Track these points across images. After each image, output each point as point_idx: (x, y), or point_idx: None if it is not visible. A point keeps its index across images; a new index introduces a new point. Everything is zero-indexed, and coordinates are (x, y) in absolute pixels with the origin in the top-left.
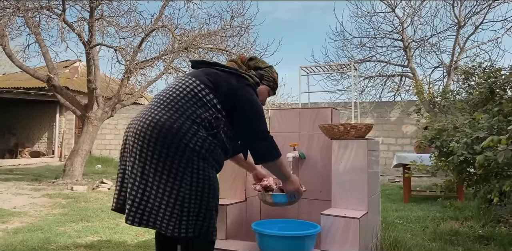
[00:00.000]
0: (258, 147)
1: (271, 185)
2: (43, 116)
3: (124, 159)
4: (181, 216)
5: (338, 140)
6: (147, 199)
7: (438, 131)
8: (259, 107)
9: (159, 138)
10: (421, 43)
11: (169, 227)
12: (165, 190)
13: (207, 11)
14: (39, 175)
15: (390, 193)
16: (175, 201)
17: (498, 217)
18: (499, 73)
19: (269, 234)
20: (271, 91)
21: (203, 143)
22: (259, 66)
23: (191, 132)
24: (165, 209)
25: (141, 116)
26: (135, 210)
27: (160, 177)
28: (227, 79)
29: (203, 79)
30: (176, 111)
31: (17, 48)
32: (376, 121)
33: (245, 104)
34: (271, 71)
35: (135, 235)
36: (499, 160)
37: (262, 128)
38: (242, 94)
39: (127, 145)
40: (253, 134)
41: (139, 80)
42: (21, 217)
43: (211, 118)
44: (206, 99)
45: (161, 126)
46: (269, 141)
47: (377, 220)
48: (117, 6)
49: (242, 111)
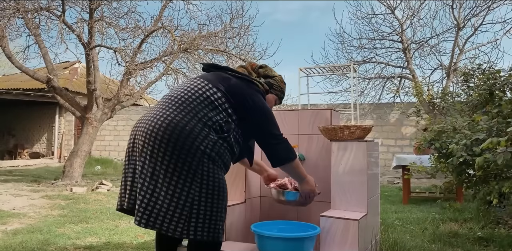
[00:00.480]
0: (275, 151)
1: (286, 184)
2: (43, 117)
3: (134, 158)
4: (190, 218)
5: (337, 142)
6: (156, 200)
7: (438, 133)
8: (271, 112)
9: (171, 139)
10: (420, 44)
11: (177, 229)
12: (175, 191)
13: (207, 13)
14: (38, 176)
15: (389, 194)
16: (185, 203)
17: (497, 218)
18: (498, 74)
19: (268, 235)
20: (278, 100)
21: (213, 146)
22: (269, 75)
23: (203, 134)
24: (173, 210)
25: (152, 116)
26: (143, 210)
27: (171, 179)
28: (239, 84)
29: (216, 83)
30: (188, 113)
31: (16, 49)
32: (376, 122)
33: (257, 110)
34: (280, 80)
35: (134, 236)
36: (499, 162)
37: (276, 132)
38: (254, 100)
39: (135, 144)
40: (268, 139)
41: (139, 82)
42: (20, 218)
43: (222, 121)
44: (218, 103)
45: (173, 127)
46: (285, 143)
47: (376, 222)
48: (116, 8)
49: (254, 117)
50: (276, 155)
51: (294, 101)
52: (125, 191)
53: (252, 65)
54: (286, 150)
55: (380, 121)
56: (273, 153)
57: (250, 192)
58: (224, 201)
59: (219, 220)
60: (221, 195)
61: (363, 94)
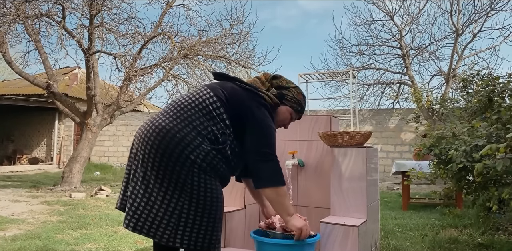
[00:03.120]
0: (260, 170)
1: (274, 222)
2: (42, 122)
3: (131, 161)
4: (178, 226)
5: (337, 148)
6: (145, 205)
7: (437, 139)
8: (270, 129)
9: (161, 145)
10: (419, 51)
11: (164, 235)
12: (164, 198)
13: (207, 19)
14: (37, 182)
15: (389, 200)
16: (173, 210)
17: (497, 225)
18: (497, 81)
19: (268, 242)
20: (295, 113)
21: (205, 157)
22: (283, 85)
23: (195, 143)
24: (162, 217)
25: (150, 121)
26: (132, 214)
27: (160, 185)
28: (242, 95)
29: (218, 91)
30: (183, 120)
31: (16, 55)
32: (375, 128)
33: (256, 124)
34: (296, 92)
35: (133, 242)
36: (498, 168)
37: (268, 151)
38: (253, 112)
39: (133, 149)
40: (257, 155)
41: (138, 87)
42: (19, 224)
43: (218, 132)
44: (215, 113)
45: (164, 134)
46: (274, 164)
47: (376, 228)
48: (117, 14)
49: (250, 130)
50: (260, 174)
51: None
52: (120, 192)
53: (266, 76)
54: (273, 171)
55: (380, 127)
56: (258, 172)
57: (250, 198)
58: (218, 211)
59: (212, 230)
60: (214, 205)
61: (363, 100)
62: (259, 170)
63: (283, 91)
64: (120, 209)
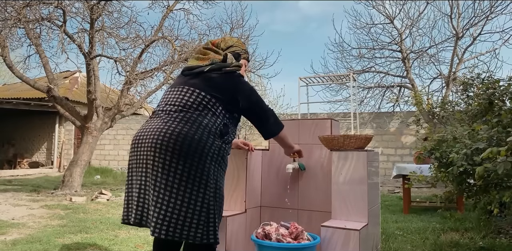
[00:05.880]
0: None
1: (270, 233)
2: (43, 126)
3: (140, 171)
4: (208, 223)
5: (337, 151)
6: (172, 210)
7: (438, 142)
8: (256, 92)
9: (183, 149)
10: (419, 54)
11: (197, 235)
12: (191, 198)
13: (207, 23)
14: (37, 186)
15: (390, 204)
16: (201, 208)
17: (498, 228)
18: (498, 84)
19: (268, 245)
20: (247, 62)
21: (219, 151)
22: (230, 45)
23: (210, 141)
24: (191, 217)
25: (155, 129)
26: (161, 222)
27: (186, 187)
28: (224, 81)
29: (206, 88)
30: (193, 123)
31: (17, 59)
32: (375, 131)
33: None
34: (239, 43)
35: (134, 246)
36: (499, 171)
37: (266, 108)
38: (243, 89)
39: (141, 157)
40: (262, 116)
41: (139, 91)
42: (20, 228)
43: (221, 125)
44: (214, 109)
45: (183, 138)
46: (274, 117)
47: (377, 232)
48: (117, 18)
49: (250, 103)
50: (267, 129)
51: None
52: (131, 205)
53: (214, 44)
54: (275, 124)
55: (380, 130)
56: (265, 128)
57: (251, 202)
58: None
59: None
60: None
61: (363, 103)
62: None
63: (233, 49)
64: (134, 224)
